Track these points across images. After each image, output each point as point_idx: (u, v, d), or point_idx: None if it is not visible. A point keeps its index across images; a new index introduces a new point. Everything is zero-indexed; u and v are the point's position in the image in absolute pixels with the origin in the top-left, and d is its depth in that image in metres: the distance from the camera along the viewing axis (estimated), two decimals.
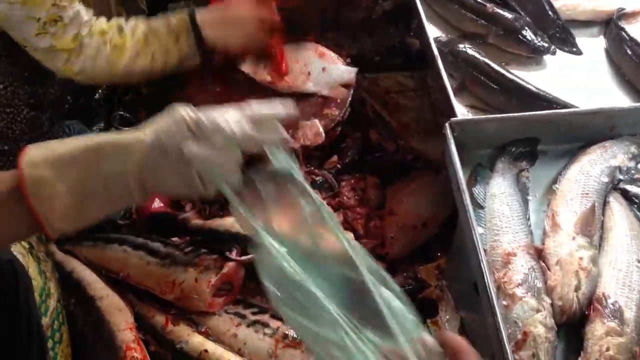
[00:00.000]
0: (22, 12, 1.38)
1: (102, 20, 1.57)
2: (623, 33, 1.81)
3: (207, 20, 1.64)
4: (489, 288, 1.17)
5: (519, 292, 1.19)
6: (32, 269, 1.42)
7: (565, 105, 1.63)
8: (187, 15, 1.62)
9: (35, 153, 0.93)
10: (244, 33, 1.69)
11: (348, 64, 2.03)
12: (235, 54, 1.76)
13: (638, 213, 1.35)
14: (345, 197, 1.87)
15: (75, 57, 1.49)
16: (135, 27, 1.57)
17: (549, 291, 1.22)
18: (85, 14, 1.49)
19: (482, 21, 1.90)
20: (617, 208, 1.35)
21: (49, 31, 1.42)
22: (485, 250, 1.28)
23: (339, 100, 1.91)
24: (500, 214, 1.33)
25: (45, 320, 1.43)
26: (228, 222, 1.76)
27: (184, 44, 1.61)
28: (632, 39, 1.79)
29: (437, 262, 1.78)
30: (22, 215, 0.92)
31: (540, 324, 1.14)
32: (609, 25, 1.90)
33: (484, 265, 1.19)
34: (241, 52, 1.74)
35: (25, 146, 0.93)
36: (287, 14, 1.93)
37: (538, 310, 1.16)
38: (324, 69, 1.94)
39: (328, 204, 1.84)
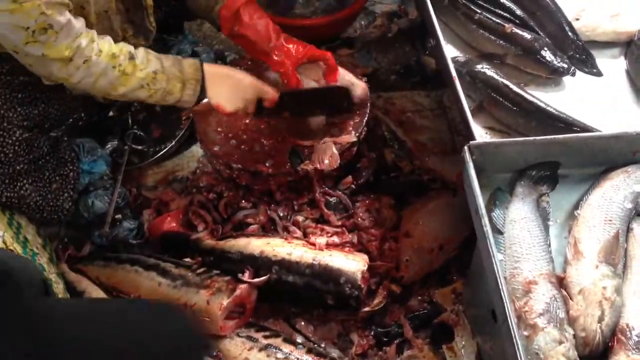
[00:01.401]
0: (10, 21, 1.37)
1: (111, 41, 1.55)
2: None
3: (212, 76, 1.65)
4: (510, 318, 1.13)
5: (541, 322, 1.15)
6: None
7: (585, 128, 1.60)
8: (198, 62, 1.64)
9: None
10: (239, 100, 1.70)
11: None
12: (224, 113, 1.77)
13: None
14: (359, 218, 1.85)
15: (75, 68, 1.48)
16: (148, 62, 1.57)
17: (572, 321, 1.18)
18: (77, 22, 1.47)
19: (501, 41, 1.87)
20: None
21: (39, 39, 1.40)
22: (505, 278, 1.24)
23: (356, 120, 1.89)
24: (520, 240, 1.30)
25: None
26: (241, 243, 1.74)
27: (189, 91, 1.62)
28: None
29: (453, 285, 1.75)
30: None
31: (562, 357, 1.11)
32: (630, 46, 1.87)
33: (504, 294, 1.16)
34: (229, 113, 1.74)
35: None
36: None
37: (560, 342, 1.12)
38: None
39: (342, 225, 1.82)
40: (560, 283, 1.24)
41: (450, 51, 1.93)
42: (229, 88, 1.68)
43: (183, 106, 1.68)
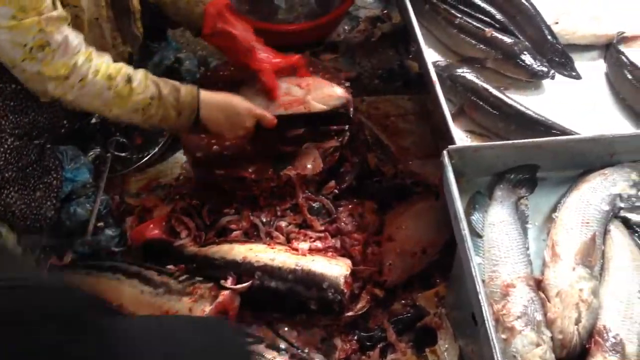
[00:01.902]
0: (8, 37, 1.37)
1: (109, 61, 1.55)
2: (623, 57, 1.80)
3: (209, 106, 1.66)
4: (487, 321, 1.14)
5: (518, 325, 1.16)
6: None
7: (564, 131, 1.61)
8: (195, 90, 1.65)
9: None
10: (239, 128, 1.71)
11: (347, 87, 2.01)
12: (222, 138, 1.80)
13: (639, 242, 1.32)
14: (342, 223, 1.85)
15: (70, 87, 1.48)
16: (145, 88, 1.57)
17: (549, 324, 1.19)
18: (75, 38, 1.48)
19: (481, 45, 1.89)
20: (618, 237, 1.33)
21: (36, 57, 1.41)
22: (483, 281, 1.25)
23: (339, 125, 1.89)
24: (499, 243, 1.31)
25: None
26: (224, 250, 1.74)
27: (184, 119, 1.63)
28: (632, 64, 1.77)
29: (436, 288, 1.75)
30: None
31: (540, 359, 1.11)
32: (609, 49, 1.89)
33: (482, 297, 1.16)
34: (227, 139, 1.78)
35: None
36: None
37: (538, 345, 1.13)
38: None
39: (325, 230, 1.82)
40: (538, 285, 1.25)
41: (432, 55, 1.94)
42: (227, 118, 1.69)
43: (177, 132, 1.70)
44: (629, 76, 1.76)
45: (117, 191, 2.02)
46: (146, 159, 2.08)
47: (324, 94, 1.83)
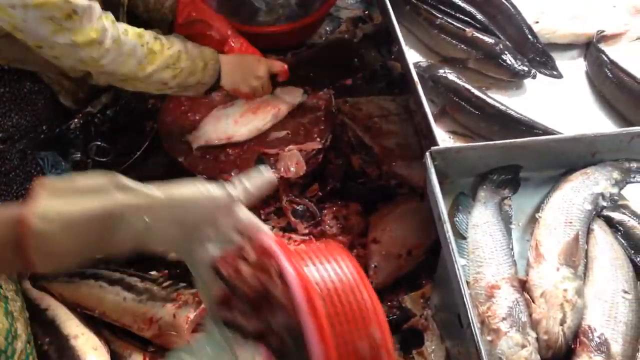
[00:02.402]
0: (38, 14, 1.35)
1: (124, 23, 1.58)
2: (603, 56, 1.81)
3: (225, 61, 1.75)
4: (473, 323, 1.13)
5: (504, 326, 1.16)
6: None
7: (546, 130, 1.62)
8: (215, 51, 1.73)
9: (47, 205, 0.85)
10: (253, 79, 1.79)
11: (328, 89, 2.01)
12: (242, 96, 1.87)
13: (623, 241, 1.33)
14: (327, 226, 1.84)
15: (105, 50, 1.48)
16: (172, 43, 1.63)
17: (534, 325, 1.19)
18: (95, 4, 1.46)
19: (462, 46, 1.89)
20: (601, 236, 1.33)
21: (65, 27, 1.39)
22: (468, 283, 1.24)
23: (321, 127, 1.88)
24: (483, 244, 1.31)
25: None
26: None
27: (209, 71, 1.70)
28: (612, 62, 1.78)
29: (422, 290, 1.75)
30: (11, 257, 0.86)
31: None
32: (589, 48, 1.89)
33: (467, 299, 1.16)
34: (246, 95, 1.84)
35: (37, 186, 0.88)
36: None
37: (523, 346, 1.13)
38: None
39: (310, 233, 1.81)
40: (523, 286, 1.25)
41: (413, 56, 1.94)
42: (241, 71, 1.76)
43: (200, 90, 1.72)
44: (610, 75, 1.77)
45: None
46: (128, 163, 2.05)
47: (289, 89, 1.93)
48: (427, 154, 1.38)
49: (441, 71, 1.81)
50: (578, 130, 1.52)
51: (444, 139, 1.70)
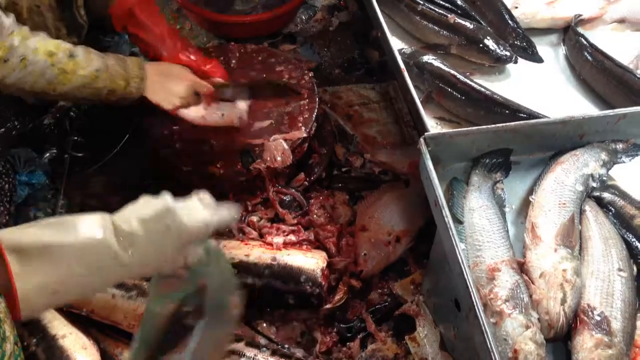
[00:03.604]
0: None
1: (46, 37, 1.49)
2: (582, 39, 1.84)
3: (152, 75, 1.68)
4: (477, 306, 1.14)
5: (507, 308, 1.17)
6: None
7: (531, 114, 1.64)
8: (141, 60, 1.66)
9: (23, 240, 0.90)
10: (175, 98, 1.72)
11: (310, 77, 1.99)
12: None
13: (615, 221, 1.35)
14: (315, 215, 1.83)
15: (11, 69, 1.42)
16: (90, 60, 1.55)
17: (535, 304, 1.20)
18: (7, 19, 1.41)
19: (445, 32, 1.89)
20: (593, 217, 1.35)
21: None
22: (468, 266, 1.25)
23: (306, 116, 1.86)
24: (480, 228, 1.31)
25: None
26: None
27: (132, 88, 1.63)
28: (591, 45, 1.81)
29: (412, 276, 1.76)
30: None
31: (530, 341, 1.12)
32: (567, 32, 1.92)
33: (470, 283, 1.16)
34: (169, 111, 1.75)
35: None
36: None
37: (527, 327, 1.14)
38: None
39: (298, 223, 1.80)
40: (521, 268, 1.26)
41: (395, 43, 1.94)
42: (164, 87, 1.69)
43: (126, 103, 1.66)
44: (589, 58, 1.80)
45: (77, 192, 1.94)
46: (107, 158, 2.00)
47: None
48: (422, 139, 1.38)
49: (425, 57, 1.82)
50: (560, 113, 1.54)
51: (431, 125, 1.70)
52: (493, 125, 1.45)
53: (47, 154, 1.96)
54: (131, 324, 1.56)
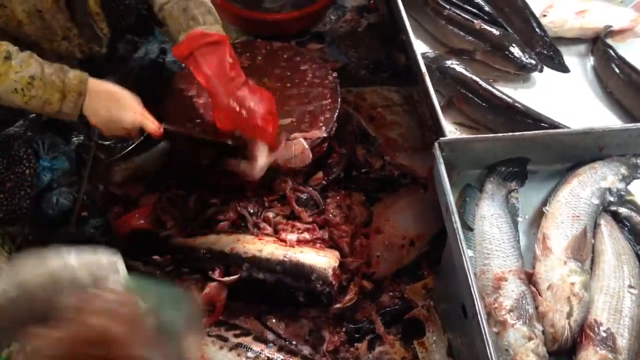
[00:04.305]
0: None
1: None
2: (610, 51, 1.81)
3: (95, 93, 1.52)
4: (480, 314, 1.14)
5: (510, 318, 1.16)
6: None
7: (553, 124, 1.62)
8: (85, 76, 1.51)
9: None
10: (117, 128, 1.57)
11: (334, 78, 2.00)
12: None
13: (629, 237, 1.33)
14: (330, 215, 1.84)
15: None
16: (26, 65, 1.44)
17: (540, 317, 1.19)
18: None
19: (470, 37, 1.89)
20: (608, 231, 1.33)
21: None
22: (475, 274, 1.25)
23: (327, 116, 1.87)
24: (490, 236, 1.31)
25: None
26: (211, 240, 1.72)
27: (69, 103, 1.49)
28: (619, 57, 1.78)
29: (424, 281, 1.75)
30: None
31: (532, 353, 1.12)
32: (596, 43, 1.90)
33: (474, 290, 1.16)
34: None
35: None
36: None
37: (530, 338, 1.13)
38: None
39: (313, 221, 1.81)
40: (530, 279, 1.26)
41: (420, 47, 1.94)
42: (108, 111, 1.54)
43: (64, 118, 1.54)
44: (617, 70, 1.77)
45: (101, 180, 1.98)
46: (131, 147, 2.04)
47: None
48: (436, 144, 1.38)
49: (448, 62, 1.81)
50: (584, 125, 1.52)
51: (451, 130, 1.70)
52: (511, 134, 1.44)
53: (74, 141, 2.01)
54: None
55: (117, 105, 1.54)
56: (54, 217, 1.83)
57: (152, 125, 1.59)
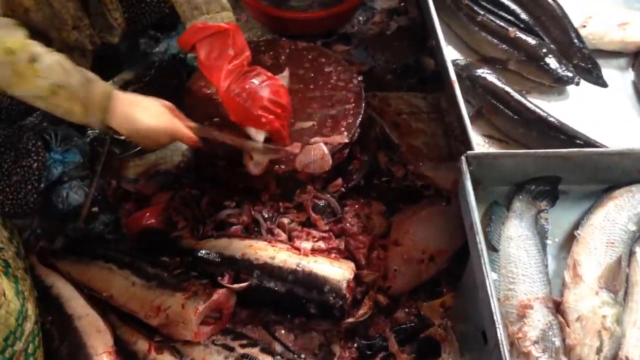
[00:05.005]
0: None
1: (13, 35, 1.33)
2: None
3: (122, 110, 1.46)
4: (502, 343, 1.06)
5: (535, 351, 1.08)
6: (8, 291, 1.32)
7: (588, 142, 1.53)
8: (110, 90, 1.45)
9: None
10: (152, 143, 1.54)
11: (359, 82, 1.93)
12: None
13: None
14: (348, 224, 1.76)
15: None
16: (51, 71, 1.35)
17: (567, 350, 1.11)
18: None
19: (504, 45, 1.80)
20: None
21: None
22: (498, 299, 1.16)
23: (350, 121, 1.80)
24: (516, 259, 1.23)
25: (19, 345, 1.32)
26: (222, 244, 1.66)
27: (92, 118, 1.42)
28: None
29: (442, 299, 1.66)
30: None
31: None
32: (638, 57, 1.80)
33: (497, 317, 1.08)
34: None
35: None
36: None
37: None
38: None
39: (330, 230, 1.74)
40: (557, 308, 1.17)
41: (451, 53, 1.86)
42: (136, 127, 1.48)
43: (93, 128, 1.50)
44: None
45: (114, 176, 1.94)
46: None
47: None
48: (463, 158, 1.30)
49: (479, 71, 1.73)
50: (622, 144, 1.43)
51: (479, 142, 1.62)
52: (543, 150, 1.36)
53: (89, 134, 1.97)
54: (148, 314, 1.54)
55: (146, 120, 1.49)
56: (63, 211, 1.79)
57: (186, 137, 1.55)
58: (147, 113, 1.49)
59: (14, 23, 1.36)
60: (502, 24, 1.84)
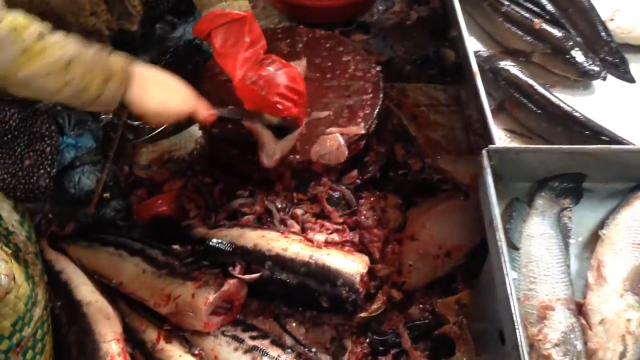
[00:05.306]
0: None
1: (16, 13, 1.24)
2: None
3: (142, 80, 1.38)
4: (521, 345, 1.02)
5: (556, 354, 1.04)
6: (18, 275, 1.30)
7: (614, 139, 1.48)
8: (130, 58, 1.38)
9: None
10: (167, 118, 1.45)
11: (377, 72, 1.88)
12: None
13: None
14: (363, 217, 1.73)
15: None
16: (64, 45, 1.27)
17: (589, 355, 1.07)
18: None
19: (528, 37, 1.75)
20: None
21: None
22: (518, 299, 1.13)
23: (367, 112, 1.76)
24: (538, 258, 1.19)
25: (27, 331, 1.31)
26: (234, 234, 1.63)
27: (111, 88, 1.33)
28: None
29: (458, 295, 1.63)
30: None
31: None
32: None
33: (517, 317, 1.04)
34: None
35: None
36: None
37: None
38: None
39: (344, 222, 1.70)
40: (579, 310, 1.13)
41: (473, 44, 1.81)
42: (156, 101, 1.41)
43: (99, 108, 1.39)
44: None
45: (126, 161, 1.92)
46: (160, 129, 1.97)
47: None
48: (484, 152, 1.26)
49: (502, 63, 1.69)
50: None
51: (500, 137, 1.58)
52: (568, 146, 1.31)
53: (103, 118, 1.94)
54: (157, 302, 1.52)
55: (167, 93, 1.43)
56: (75, 196, 1.76)
57: (204, 112, 1.51)
58: (167, 84, 1.45)
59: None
60: (527, 15, 1.78)
